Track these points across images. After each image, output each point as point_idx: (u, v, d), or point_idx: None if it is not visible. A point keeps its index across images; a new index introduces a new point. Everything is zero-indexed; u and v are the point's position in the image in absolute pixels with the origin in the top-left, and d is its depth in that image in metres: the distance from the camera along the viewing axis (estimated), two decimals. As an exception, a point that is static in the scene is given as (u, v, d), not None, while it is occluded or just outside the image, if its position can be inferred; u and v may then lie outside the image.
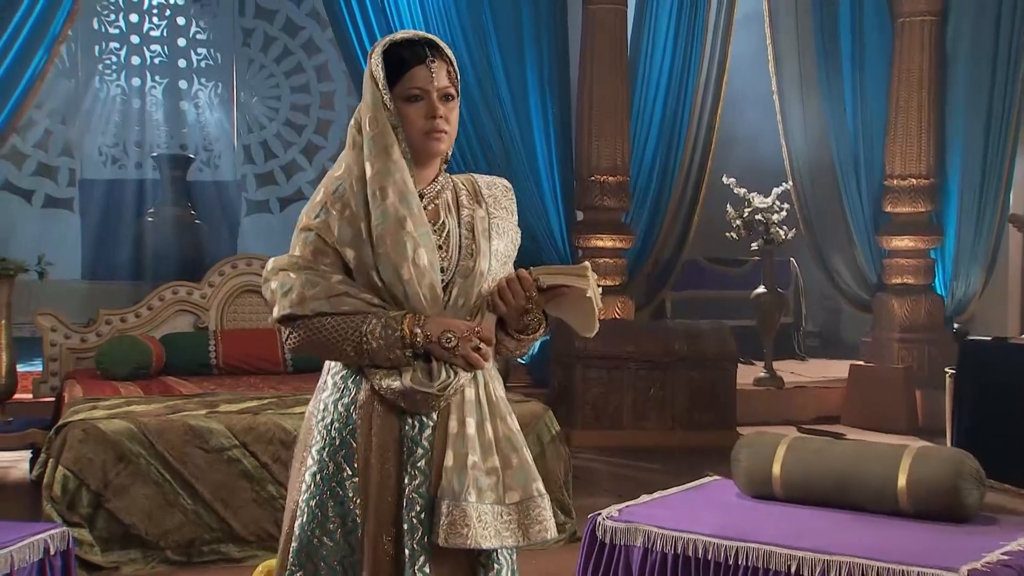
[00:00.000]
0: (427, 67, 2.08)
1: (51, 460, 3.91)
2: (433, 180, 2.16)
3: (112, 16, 10.81)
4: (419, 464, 2.03)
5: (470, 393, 2.07)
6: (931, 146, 8.21)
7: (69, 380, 5.49)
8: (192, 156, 10.65)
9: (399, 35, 2.13)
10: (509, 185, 2.28)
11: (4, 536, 2.98)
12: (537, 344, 2.18)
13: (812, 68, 8.62)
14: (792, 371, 9.28)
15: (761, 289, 8.34)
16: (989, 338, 6.38)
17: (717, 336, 7.16)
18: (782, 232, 8.11)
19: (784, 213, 8.16)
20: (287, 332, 2.09)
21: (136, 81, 10.90)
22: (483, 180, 2.25)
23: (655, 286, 8.57)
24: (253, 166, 11.20)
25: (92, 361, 5.70)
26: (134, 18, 10.91)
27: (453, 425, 2.04)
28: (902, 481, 3.13)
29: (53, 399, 5.70)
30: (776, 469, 3.35)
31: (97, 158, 10.69)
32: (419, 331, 2.02)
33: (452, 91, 2.11)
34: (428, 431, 2.04)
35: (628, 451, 6.71)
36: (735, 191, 8.22)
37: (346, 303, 2.05)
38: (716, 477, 3.75)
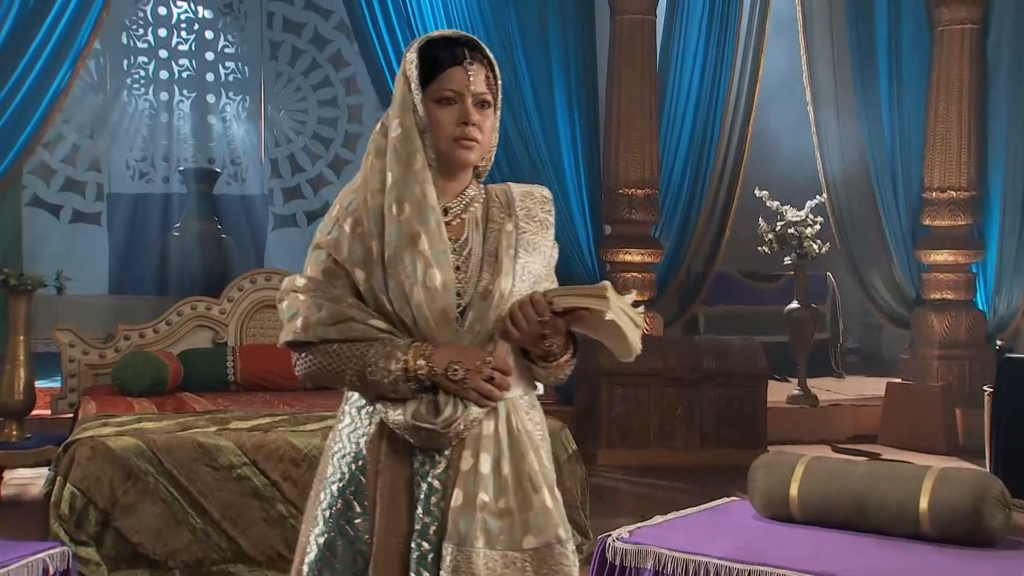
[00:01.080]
0: (464, 68, 1.96)
1: (59, 478, 3.93)
2: (461, 193, 2.03)
3: (141, 31, 10.92)
4: (429, 504, 1.91)
5: (488, 427, 1.92)
6: (971, 157, 8.10)
7: (85, 396, 5.53)
8: (219, 170, 10.73)
9: (437, 33, 2.02)
10: (548, 195, 2.12)
11: (3, 555, 2.98)
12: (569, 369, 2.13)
13: (847, 78, 8.54)
14: (828, 388, 9.18)
15: (794, 304, 8.26)
16: (1028, 355, 6.27)
17: (746, 352, 7.09)
18: (816, 246, 8.03)
19: (818, 227, 8.07)
20: (294, 358, 1.99)
21: (164, 95, 11.00)
22: (518, 190, 2.10)
23: (686, 301, 8.51)
24: (280, 180, 11.26)
25: (109, 377, 5.74)
26: (163, 32, 11.01)
27: (466, 462, 1.91)
28: (924, 503, 3.07)
29: (71, 415, 5.74)
30: (793, 490, 3.29)
31: (125, 172, 10.79)
32: (423, 363, 1.88)
33: (488, 98, 1.99)
34: (439, 469, 1.92)
35: (655, 470, 6.65)
36: (768, 204, 8.15)
37: (354, 329, 1.92)
38: (734, 498, 3.69)
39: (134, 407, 5.02)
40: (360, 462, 1.95)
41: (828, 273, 10.36)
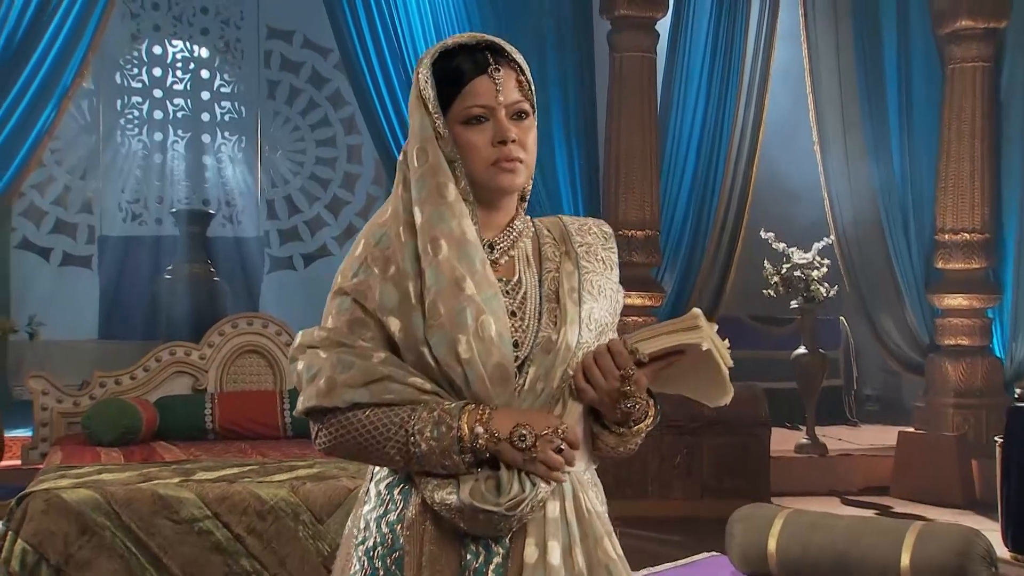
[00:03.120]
0: (490, 77, 1.69)
1: (10, 533, 3.88)
2: (508, 226, 1.76)
3: (135, 70, 11.02)
4: None
5: (553, 509, 1.63)
6: (985, 198, 8.04)
7: (54, 446, 5.50)
8: (212, 211, 10.77)
9: (452, 40, 1.73)
10: (609, 230, 1.86)
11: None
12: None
13: (856, 117, 8.52)
14: (840, 437, 9.06)
15: (802, 349, 8.18)
16: (1037, 404, 6.17)
17: (748, 399, 7.01)
18: (823, 289, 7.96)
19: (825, 269, 8.01)
20: (315, 428, 1.71)
21: (158, 135, 11.08)
22: (573, 223, 1.83)
23: (688, 347, 8.43)
24: (276, 221, 11.30)
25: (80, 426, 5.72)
26: (158, 72, 11.11)
27: (531, 552, 1.61)
28: (905, 560, 3.00)
29: (42, 466, 5.70)
30: (772, 545, 3.23)
31: (117, 214, 10.85)
32: (481, 429, 1.59)
33: (526, 106, 1.71)
34: (497, 560, 1.63)
35: (652, 522, 6.54)
36: (773, 246, 8.10)
37: (390, 390, 1.64)
38: (713, 553, 3.63)
39: (100, 457, 4.98)
40: (396, 554, 1.66)
41: (841, 317, 10.28)
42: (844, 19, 8.52)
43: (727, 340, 1.68)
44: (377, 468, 1.74)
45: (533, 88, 1.76)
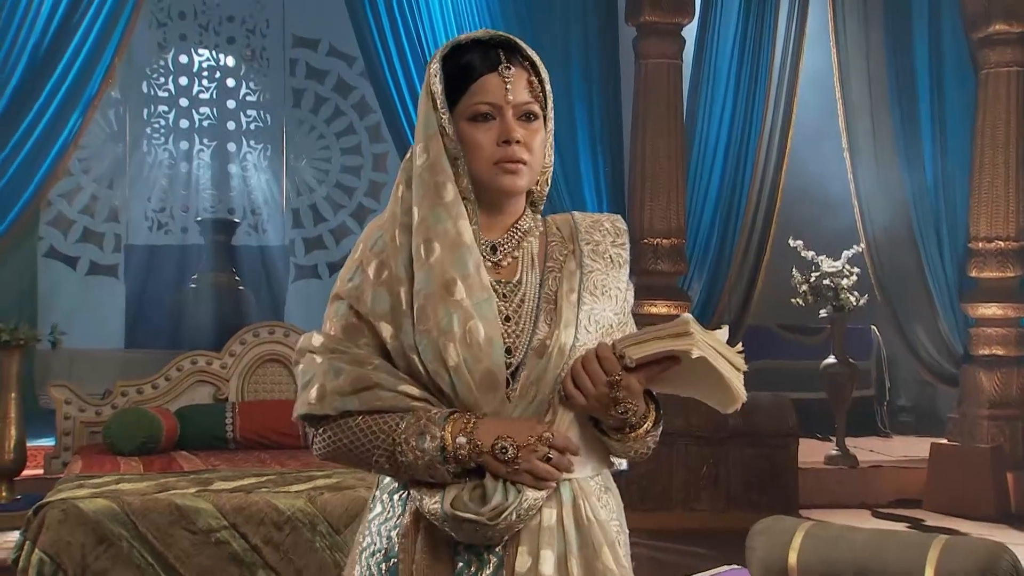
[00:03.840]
0: (499, 75, 1.67)
1: (27, 543, 3.90)
2: (512, 227, 1.74)
3: (162, 79, 11.11)
4: None
5: (549, 516, 1.61)
6: (1020, 206, 7.96)
7: (75, 456, 5.54)
8: (237, 220, 10.84)
9: (465, 36, 1.72)
10: (622, 226, 1.82)
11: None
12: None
13: (887, 123, 8.44)
14: (872, 449, 8.99)
15: (831, 359, 8.12)
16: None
17: (776, 409, 6.96)
18: (853, 298, 7.90)
19: (855, 278, 7.95)
20: (311, 435, 1.72)
21: (184, 144, 11.16)
22: (584, 220, 1.80)
23: (715, 356, 8.37)
24: (301, 230, 11.35)
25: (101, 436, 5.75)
26: (184, 81, 11.20)
27: (523, 561, 1.59)
28: (929, 575, 2.95)
29: (64, 475, 5.74)
30: (792, 558, 3.19)
31: (143, 223, 10.94)
32: (464, 440, 1.57)
33: (534, 108, 1.69)
34: (489, 570, 1.62)
35: (678, 535, 6.51)
36: (802, 254, 8.05)
37: (379, 398, 1.62)
38: (734, 566, 3.59)
39: (120, 466, 5.01)
40: (392, 560, 1.66)
41: (873, 327, 10.20)
42: (874, 23, 8.45)
43: (740, 345, 1.66)
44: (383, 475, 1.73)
45: (547, 91, 1.74)
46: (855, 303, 7.92)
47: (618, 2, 7.95)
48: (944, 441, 8.02)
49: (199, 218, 10.73)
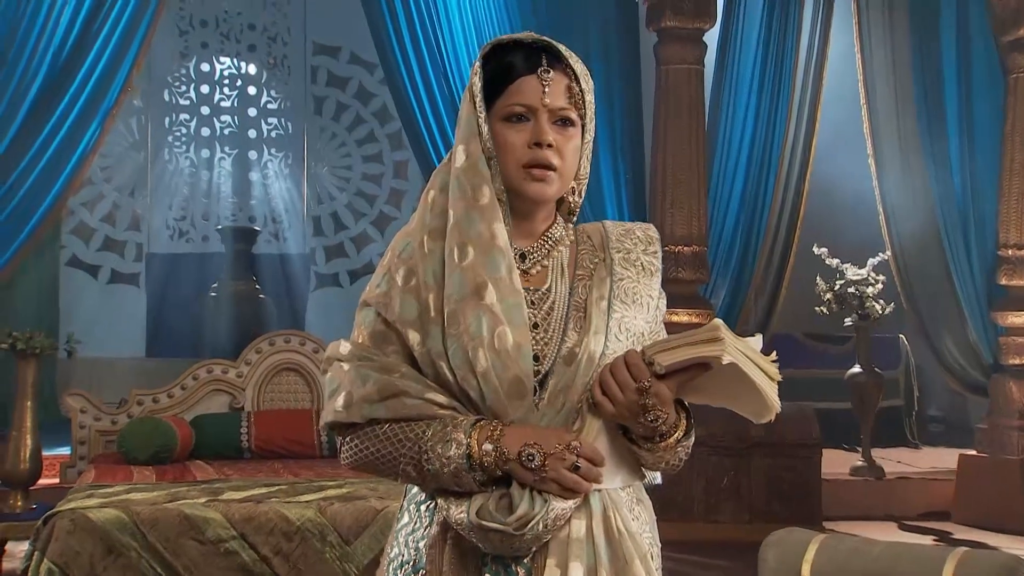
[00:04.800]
0: (538, 77, 1.66)
1: (36, 553, 3.92)
2: (544, 235, 1.74)
3: (183, 88, 11.20)
4: None
5: (578, 528, 1.59)
6: (1050, 212, 7.86)
7: (90, 465, 5.57)
8: (257, 228, 10.89)
9: (507, 37, 1.74)
10: (654, 234, 1.81)
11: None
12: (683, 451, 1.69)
13: (913, 128, 8.37)
14: (900, 460, 8.90)
15: (856, 368, 8.05)
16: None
17: (798, 419, 6.90)
18: (878, 307, 7.83)
19: (880, 286, 7.88)
20: (339, 443, 1.71)
21: (205, 152, 11.24)
22: (615, 228, 1.79)
23: (739, 365, 8.32)
24: (323, 238, 11.40)
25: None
26: (205, 89, 11.28)
27: (551, 573, 1.57)
28: (944, 590, 2.91)
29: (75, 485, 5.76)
30: (806, 571, 3.15)
31: (164, 232, 11.01)
32: (490, 447, 1.56)
33: (571, 114, 1.68)
34: None
35: (699, 546, 6.46)
36: (827, 262, 8.00)
37: (407, 406, 1.61)
38: (747, 581, 3.56)
39: (133, 476, 5.03)
40: (420, 572, 1.65)
41: (901, 336, 10.11)
42: (900, 26, 8.39)
43: (774, 354, 1.63)
44: (412, 484, 1.72)
45: (587, 100, 1.72)
46: (880, 311, 7.85)
47: (639, 8, 7.93)
48: (973, 452, 7.93)
49: (219, 226, 10.79)
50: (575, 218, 1.82)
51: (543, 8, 7.87)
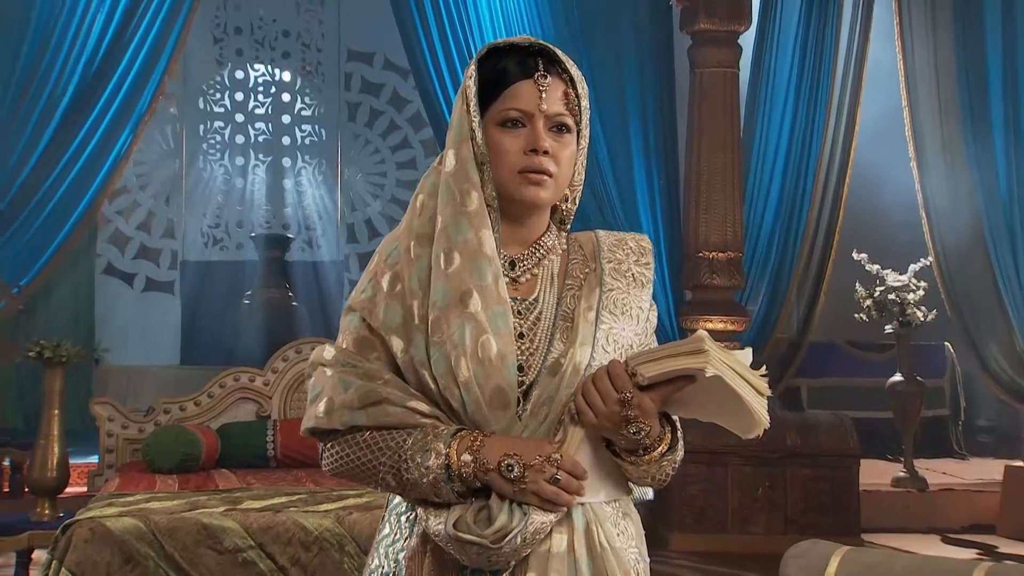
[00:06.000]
0: (535, 83, 1.66)
1: (55, 562, 3.95)
2: (535, 243, 1.73)
3: (218, 95, 11.31)
4: None
5: (559, 542, 1.58)
6: (1100, 214, 7.73)
7: (116, 473, 5.61)
8: (291, 236, 10.97)
9: (503, 40, 1.72)
10: (647, 244, 1.80)
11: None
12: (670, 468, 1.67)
13: (957, 130, 8.25)
14: (945, 471, 8.77)
15: (897, 377, 7.94)
16: None
17: (835, 429, 6.82)
18: (920, 313, 7.72)
19: (922, 292, 7.78)
20: (320, 449, 1.70)
21: (239, 160, 11.33)
22: (608, 238, 1.79)
23: (777, 373, 8.24)
24: (356, 245, 11.44)
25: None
26: (239, 96, 11.38)
27: None
28: (969, 606, 2.85)
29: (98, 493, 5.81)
30: (827, 587, 3.11)
31: (198, 239, 11.11)
32: (469, 458, 1.54)
33: (567, 120, 1.68)
34: None
35: (733, 559, 6.41)
36: (867, 268, 7.90)
37: (387, 414, 1.60)
38: (769, 594, 3.51)
39: (156, 484, 5.06)
40: None
41: (947, 343, 9.96)
42: (943, 24, 8.28)
43: (764, 368, 1.60)
44: (393, 494, 1.71)
45: (583, 106, 1.72)
46: (922, 318, 7.74)
47: (672, 10, 7.88)
48: (1019, 463, 7.80)
49: (253, 234, 10.87)
50: (568, 226, 1.82)
51: (575, 11, 7.84)
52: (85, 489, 6.16)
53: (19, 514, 5.43)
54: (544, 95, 1.66)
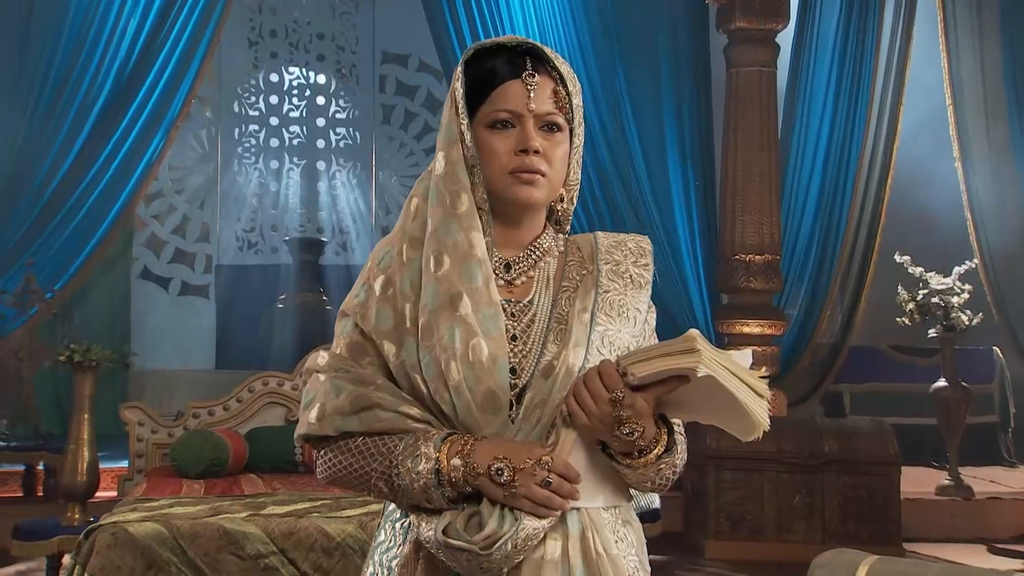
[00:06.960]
0: (523, 82, 1.65)
1: (77, 566, 3.98)
2: (532, 243, 1.72)
3: (253, 98, 11.38)
4: None
5: (553, 549, 1.55)
6: None
7: (144, 478, 5.65)
8: (325, 239, 11.02)
9: (490, 41, 1.70)
10: (647, 246, 1.77)
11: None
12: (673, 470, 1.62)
13: (1004, 130, 8.19)
14: (992, 479, 8.63)
15: (942, 382, 7.83)
16: None
17: (875, 435, 6.74)
18: (964, 317, 7.62)
19: (966, 295, 7.67)
20: (314, 456, 1.70)
21: (274, 163, 11.40)
22: (606, 239, 1.77)
23: (816, 378, 8.16)
24: (390, 248, 11.47)
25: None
26: (274, 99, 11.45)
27: None
28: (998, 616, 2.81)
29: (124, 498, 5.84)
30: (854, 596, 3.07)
31: (233, 243, 11.19)
32: (459, 462, 1.53)
33: (558, 119, 1.67)
34: None
35: (771, 567, 6.35)
36: (910, 270, 7.81)
37: (379, 419, 1.59)
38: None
39: (182, 489, 5.09)
40: None
41: (995, 348, 9.81)
42: (989, 21, 8.20)
43: (763, 369, 1.59)
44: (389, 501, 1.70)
45: (574, 104, 1.70)
46: (967, 322, 7.63)
47: (709, 9, 7.85)
48: (1067, 472, 7.69)
49: (287, 237, 10.94)
50: (567, 227, 1.80)
51: (609, 10, 7.83)
52: (115, 494, 6.21)
53: (51, 519, 5.47)
54: (533, 94, 1.65)
